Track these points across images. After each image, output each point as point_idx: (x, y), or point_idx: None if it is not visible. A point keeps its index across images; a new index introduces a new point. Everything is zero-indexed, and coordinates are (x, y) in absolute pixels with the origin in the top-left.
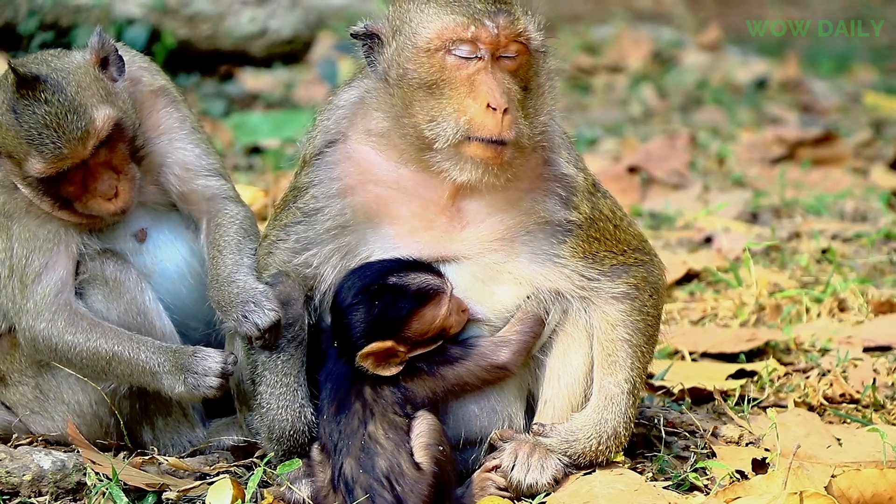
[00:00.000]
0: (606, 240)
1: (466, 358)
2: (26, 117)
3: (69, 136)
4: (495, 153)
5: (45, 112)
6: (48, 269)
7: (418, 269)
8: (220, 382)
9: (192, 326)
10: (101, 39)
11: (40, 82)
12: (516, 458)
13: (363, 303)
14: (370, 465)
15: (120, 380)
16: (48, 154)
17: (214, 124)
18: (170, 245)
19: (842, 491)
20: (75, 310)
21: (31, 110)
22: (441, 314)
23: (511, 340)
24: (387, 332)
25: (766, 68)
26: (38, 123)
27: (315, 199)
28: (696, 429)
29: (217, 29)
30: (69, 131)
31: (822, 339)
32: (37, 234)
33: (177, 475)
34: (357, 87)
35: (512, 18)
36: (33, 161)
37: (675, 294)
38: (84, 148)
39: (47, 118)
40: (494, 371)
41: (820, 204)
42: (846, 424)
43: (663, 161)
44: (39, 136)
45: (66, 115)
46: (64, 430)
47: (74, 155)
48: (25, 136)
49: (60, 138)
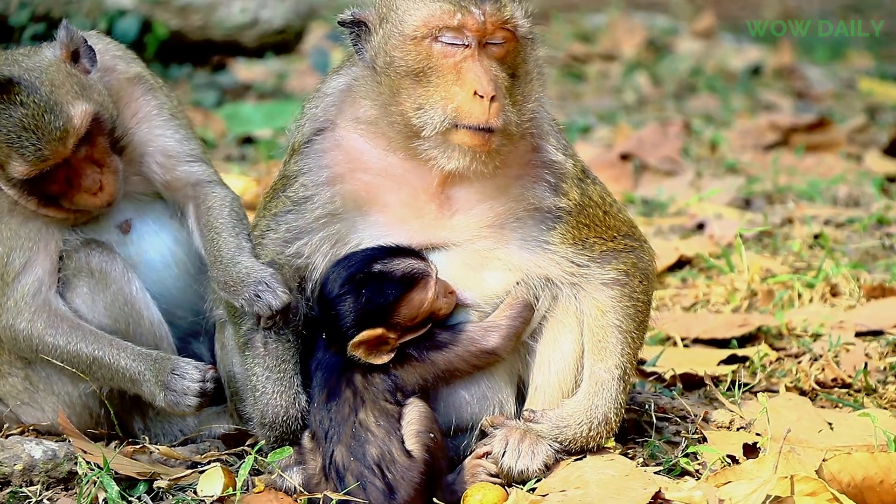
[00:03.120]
0: (596, 226)
1: (456, 343)
2: (4, 121)
3: (48, 136)
4: (483, 140)
5: (23, 115)
6: (27, 268)
7: (402, 254)
8: (199, 402)
9: (180, 315)
10: (69, 33)
11: (14, 84)
12: (507, 445)
13: (350, 292)
14: (361, 452)
15: (101, 383)
16: (29, 156)
17: (207, 115)
18: (154, 236)
19: (833, 475)
20: (55, 310)
21: (7, 114)
22: (428, 297)
23: (500, 325)
24: (376, 320)
25: (761, 55)
26: (17, 126)
27: (304, 188)
28: (687, 414)
29: (208, 19)
30: (48, 132)
31: (814, 324)
32: (18, 232)
33: (168, 464)
34: (345, 74)
35: (499, 5)
36: (15, 164)
37: (668, 280)
38: (65, 147)
39: (25, 121)
40: (484, 356)
41: (813, 189)
42: (838, 409)
43: (656, 148)
44: (19, 140)
45: (43, 115)
46: (54, 420)
47: (55, 155)
48: (5, 140)
49: (40, 140)
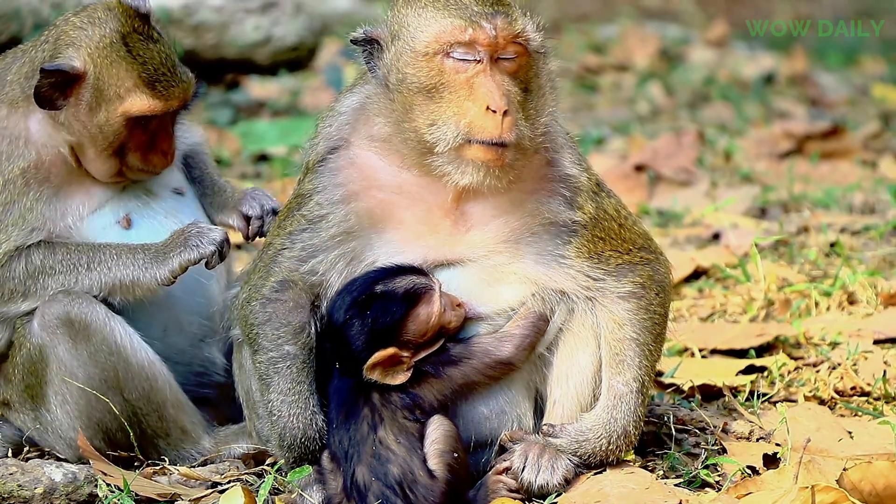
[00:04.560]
0: (611, 239)
1: (470, 356)
2: (142, 52)
3: (180, 77)
4: (496, 155)
5: (159, 51)
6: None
7: (403, 272)
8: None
9: (186, 321)
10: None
11: (150, 19)
12: (526, 460)
13: (356, 316)
14: (383, 472)
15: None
16: (161, 91)
17: (221, 133)
18: (154, 233)
19: (853, 484)
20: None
21: (145, 45)
22: (435, 311)
23: (514, 334)
24: (386, 340)
25: (774, 63)
26: (155, 60)
27: (319, 206)
28: (706, 425)
29: (222, 38)
30: (181, 73)
31: (831, 332)
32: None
33: (188, 485)
34: (359, 92)
35: (510, 20)
36: (139, 98)
37: (684, 291)
38: (187, 93)
39: (161, 56)
40: (499, 366)
41: (828, 197)
42: (857, 417)
43: (670, 158)
44: (155, 73)
45: (173, 57)
46: (69, 454)
47: (181, 97)
48: (141, 72)
49: (173, 78)
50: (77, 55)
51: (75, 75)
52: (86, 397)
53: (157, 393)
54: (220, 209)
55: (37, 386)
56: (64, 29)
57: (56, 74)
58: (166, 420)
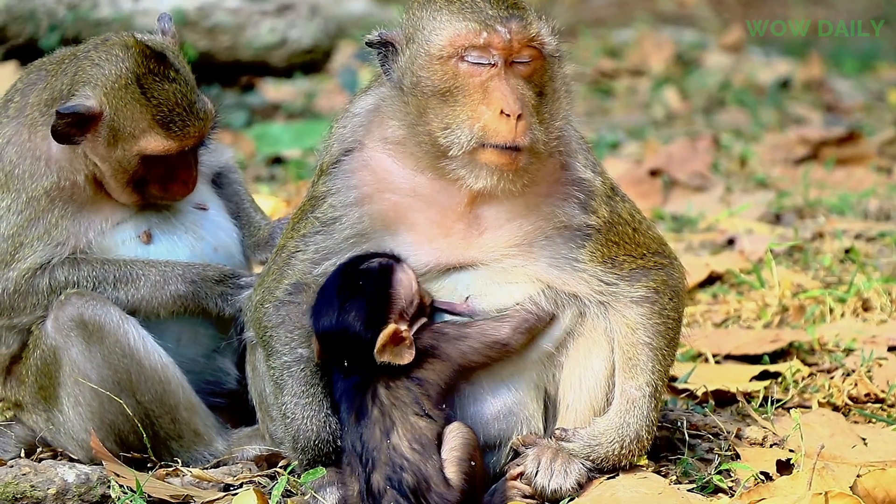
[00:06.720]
0: (625, 243)
1: (468, 336)
2: (157, 93)
3: (196, 115)
4: (510, 159)
5: (175, 91)
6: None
7: (363, 259)
8: None
9: (202, 332)
10: (172, 23)
11: (165, 58)
12: (539, 464)
13: (348, 306)
14: (398, 480)
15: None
16: (176, 132)
17: (236, 135)
18: (174, 247)
19: (867, 491)
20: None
21: (160, 86)
22: (412, 276)
23: (511, 316)
24: (383, 315)
25: (790, 68)
26: (169, 101)
27: (333, 208)
28: (719, 431)
29: (237, 40)
30: (196, 111)
31: (845, 339)
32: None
33: (201, 486)
34: (373, 94)
35: (524, 23)
36: (153, 139)
37: (698, 296)
38: (204, 129)
39: (177, 96)
40: (497, 346)
41: (843, 203)
42: (871, 424)
43: (685, 163)
44: (170, 114)
45: (191, 94)
46: (82, 455)
47: (195, 135)
48: (154, 112)
49: (188, 117)
50: (93, 94)
51: (91, 115)
52: (99, 399)
53: (170, 395)
54: (255, 249)
55: (50, 387)
56: (82, 65)
57: (72, 116)
58: (179, 422)
